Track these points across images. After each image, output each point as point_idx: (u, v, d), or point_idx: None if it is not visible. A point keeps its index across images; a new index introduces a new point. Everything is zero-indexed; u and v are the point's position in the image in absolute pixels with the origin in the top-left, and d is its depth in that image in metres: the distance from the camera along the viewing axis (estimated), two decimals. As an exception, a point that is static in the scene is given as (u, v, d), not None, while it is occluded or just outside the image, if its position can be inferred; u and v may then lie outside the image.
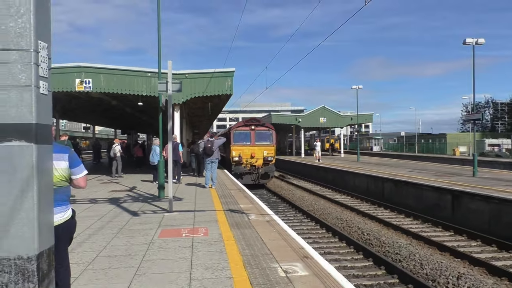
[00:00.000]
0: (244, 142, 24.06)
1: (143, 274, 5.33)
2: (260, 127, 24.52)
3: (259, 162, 24.01)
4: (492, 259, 10.00)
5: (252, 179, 24.05)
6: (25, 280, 2.58)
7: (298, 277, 5.18)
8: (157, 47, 12.33)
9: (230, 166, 24.64)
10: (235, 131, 24.44)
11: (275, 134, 24.89)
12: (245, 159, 23.77)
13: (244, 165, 23.78)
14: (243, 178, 23.24)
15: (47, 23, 2.75)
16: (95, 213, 9.98)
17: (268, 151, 24.13)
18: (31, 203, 2.57)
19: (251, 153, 23.81)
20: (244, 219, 9.14)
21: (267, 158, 23.91)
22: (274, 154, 24.60)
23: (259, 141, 24.11)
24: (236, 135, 24.30)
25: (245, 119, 26.73)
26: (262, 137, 24.38)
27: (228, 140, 22.94)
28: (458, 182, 17.03)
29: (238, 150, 23.88)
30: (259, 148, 23.98)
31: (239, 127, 24.84)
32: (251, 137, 24.11)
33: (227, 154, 25.70)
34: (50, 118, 2.83)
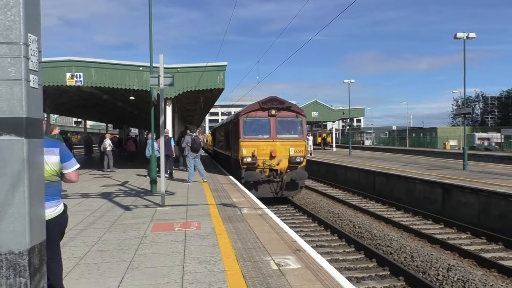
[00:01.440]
0: (260, 135, 16.32)
1: (136, 268, 5.33)
2: (284, 111, 16.57)
3: (283, 164, 16.18)
4: (481, 251, 10.13)
5: (273, 191, 16.24)
6: (17, 275, 2.58)
7: (290, 270, 5.22)
8: (149, 41, 12.25)
9: (237, 170, 16.81)
10: (246, 117, 16.40)
11: (305, 122, 17.11)
12: (261, 160, 16.02)
13: (260, 169, 16.09)
14: (258, 189, 15.92)
15: (37, 16, 2.72)
16: (87, 208, 9.94)
17: (297, 147, 16.30)
18: (22, 197, 2.56)
19: (270, 152, 16.07)
20: (237, 213, 9.16)
21: (295, 159, 16.08)
22: (305, 153, 16.67)
23: (283, 133, 16.40)
24: (248, 124, 16.38)
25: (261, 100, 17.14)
26: (288, 126, 16.65)
27: (234, 131, 17.32)
28: (449, 176, 17.20)
29: (251, 147, 16.02)
30: (282, 143, 16.23)
31: (252, 111, 16.51)
32: (270, 127, 16.26)
33: (233, 152, 18.06)
34: (41, 112, 2.81)
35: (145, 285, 4.71)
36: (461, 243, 10.85)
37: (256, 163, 15.97)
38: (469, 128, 67.09)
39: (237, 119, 16.88)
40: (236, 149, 16.89)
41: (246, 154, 15.99)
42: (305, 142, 16.84)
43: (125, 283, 4.78)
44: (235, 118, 17.80)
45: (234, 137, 17.47)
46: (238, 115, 16.95)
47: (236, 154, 16.72)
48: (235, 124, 17.35)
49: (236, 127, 16.79)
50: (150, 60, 12.82)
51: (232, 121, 18.53)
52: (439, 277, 8.19)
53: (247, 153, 16.00)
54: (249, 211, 9.40)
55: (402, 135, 74.09)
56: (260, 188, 16.11)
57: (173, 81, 10.49)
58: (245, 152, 16.00)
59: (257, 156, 16.02)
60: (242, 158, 15.97)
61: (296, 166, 16.25)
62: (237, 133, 16.59)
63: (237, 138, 16.45)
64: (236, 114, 18.14)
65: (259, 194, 15.60)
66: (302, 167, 16.40)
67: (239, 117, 16.53)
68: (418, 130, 79.13)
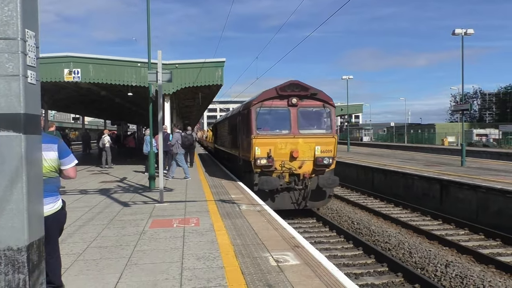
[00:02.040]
0: (277, 130, 13.14)
1: (134, 265, 5.33)
2: (308, 100, 13.28)
3: (307, 167, 12.98)
4: (479, 247, 10.16)
5: (294, 201, 13.18)
6: (15, 271, 2.57)
7: (289, 266, 5.23)
8: (147, 37, 12.21)
9: (247, 174, 13.86)
10: (259, 108, 13.10)
11: (334, 113, 13.87)
12: (279, 162, 12.85)
13: (277, 173, 12.94)
14: (275, 200, 13.01)
15: (34, 11, 2.70)
16: (85, 204, 9.93)
17: (324, 146, 13.06)
18: (20, 194, 2.55)
19: (291, 151, 12.82)
20: (235, 209, 9.17)
21: (322, 160, 12.89)
22: (335, 153, 13.28)
23: (306, 128, 13.24)
24: (262, 116, 13.13)
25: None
26: (313, 119, 13.53)
27: (244, 125, 14.20)
28: (447, 172, 17.23)
29: (266, 145, 12.78)
30: (306, 140, 13.00)
31: (267, 99, 13.20)
32: (290, 119, 13.05)
33: (241, 151, 14.85)
34: (39, 108, 2.80)
35: (144, 281, 4.71)
36: (459, 239, 10.88)
37: (272, 166, 12.74)
38: (467, 124, 67.20)
39: (247, 110, 13.51)
40: (246, 147, 13.60)
41: (259, 155, 12.66)
42: (335, 139, 13.20)
43: (124, 279, 4.78)
44: (244, 108, 14.24)
45: (243, 133, 14.33)
46: (249, 104, 13.47)
47: (247, 154, 13.47)
48: (245, 116, 13.95)
49: (247, 120, 13.46)
50: (148, 56, 12.80)
51: (241, 112, 14.90)
52: (437, 273, 8.22)
53: (261, 153, 12.68)
54: (248, 208, 9.40)
55: (400, 132, 74.22)
56: (278, 198, 13.00)
57: (171, 77, 10.46)
58: (259, 151, 12.70)
59: (274, 157, 12.71)
60: (254, 159, 12.69)
61: (323, 170, 13.06)
62: (248, 128, 13.33)
63: (248, 133, 13.18)
64: (247, 103, 14.42)
65: (277, 205, 12.65)
66: (330, 171, 13.29)
67: (251, 107, 13.05)
68: (416, 127, 79.28)
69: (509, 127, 60.88)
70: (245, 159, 14.01)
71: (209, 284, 4.60)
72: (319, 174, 13.11)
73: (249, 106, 13.42)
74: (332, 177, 13.14)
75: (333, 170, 13.44)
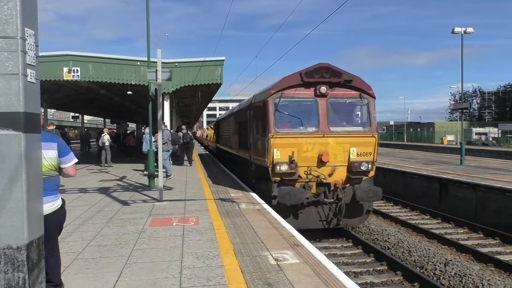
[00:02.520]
0: (301, 127, 10.39)
1: (134, 263, 5.33)
2: (341, 88, 10.51)
3: (339, 175, 10.31)
4: (478, 246, 10.18)
5: (323, 218, 10.44)
6: (15, 270, 2.58)
7: (288, 265, 5.23)
8: (146, 36, 12.20)
9: (261, 183, 11.25)
10: (279, 99, 10.28)
11: (374, 105, 10.81)
12: (304, 168, 10.13)
13: (301, 182, 10.23)
14: (299, 217, 10.24)
15: (33, 10, 2.70)
16: (85, 203, 9.93)
17: (361, 147, 10.37)
18: (20, 192, 2.55)
19: (319, 154, 10.11)
20: (235, 208, 9.17)
21: (359, 166, 10.18)
22: (375, 156, 10.52)
23: (338, 124, 10.58)
24: (282, 109, 10.35)
25: None
26: (347, 112, 10.94)
27: (257, 121, 11.45)
28: (446, 171, 17.24)
29: (288, 147, 10.09)
30: (339, 140, 10.30)
31: (288, 88, 10.37)
32: (319, 113, 10.32)
33: (253, 153, 12.06)
34: (38, 106, 2.80)
35: (143, 280, 4.71)
36: (458, 238, 10.90)
37: (295, 174, 9.93)
38: (467, 123, 67.29)
39: (263, 102, 10.67)
40: (260, 149, 10.86)
41: (279, 159, 9.88)
42: (375, 139, 10.39)
43: (123, 278, 4.79)
44: (258, 100, 11.44)
45: (256, 131, 11.49)
46: (265, 94, 10.61)
47: (261, 158, 10.70)
48: (259, 109, 11.13)
49: (262, 115, 10.70)
50: (148, 55, 12.79)
51: (253, 105, 12.06)
52: (436, 272, 8.24)
53: (281, 156, 9.90)
54: (247, 206, 9.41)
55: (399, 130, 74.29)
56: (304, 214, 10.18)
57: (171, 76, 10.46)
58: (278, 155, 9.91)
59: (298, 161, 9.91)
60: (273, 165, 9.89)
61: (360, 178, 10.29)
62: (263, 124, 10.56)
63: (264, 132, 10.42)
64: (261, 93, 11.47)
65: (301, 223, 10.04)
66: (369, 180, 10.49)
67: (268, 98, 10.23)
68: (415, 125, 79.36)
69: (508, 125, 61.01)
70: (258, 164, 11.17)
71: (208, 283, 4.60)
72: (355, 183, 10.26)
73: (265, 97, 10.48)
74: (373, 188, 10.24)
75: (372, 178, 10.55)
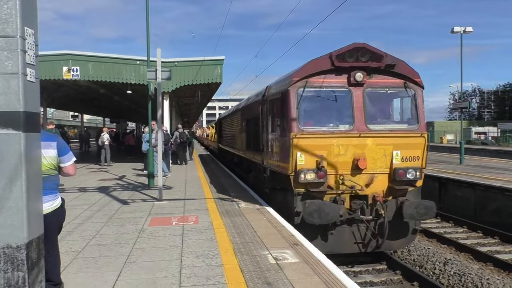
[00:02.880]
0: (330, 124, 8.40)
1: (134, 262, 5.34)
2: (381, 76, 8.40)
3: (379, 185, 8.19)
4: (477, 245, 10.19)
5: (359, 240, 8.31)
6: (15, 269, 2.58)
7: (288, 264, 5.24)
8: (146, 35, 12.20)
9: (280, 194, 9.29)
10: (304, 88, 8.10)
11: (422, 96, 8.65)
12: (335, 177, 8.03)
13: (332, 194, 8.07)
14: (328, 239, 8.07)
15: (33, 9, 2.70)
16: (84, 202, 9.93)
17: (407, 150, 8.25)
18: (19, 191, 2.56)
19: (355, 159, 8.02)
20: (235, 207, 9.17)
21: (404, 174, 8.07)
22: (424, 160, 8.34)
23: (378, 120, 8.72)
24: (307, 101, 8.30)
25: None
26: (389, 106, 9.09)
27: (274, 117, 9.39)
28: (445, 170, 17.25)
29: (315, 149, 7.97)
30: (378, 141, 8.17)
31: (315, 75, 8.16)
32: (353, 106, 8.22)
33: (268, 156, 9.90)
34: (38, 106, 2.80)
35: (143, 279, 4.72)
36: (458, 237, 10.91)
37: (325, 184, 7.88)
38: (466, 122, 67.33)
39: (282, 93, 8.58)
40: (278, 152, 8.81)
41: (304, 165, 7.80)
42: (425, 140, 8.21)
43: (123, 277, 4.79)
44: (275, 92, 9.25)
45: (272, 129, 9.39)
46: (286, 82, 8.43)
47: (279, 163, 8.68)
48: (276, 102, 9.08)
49: (281, 109, 8.59)
50: (148, 54, 12.78)
51: (268, 97, 9.84)
52: (435, 271, 8.25)
53: (306, 162, 7.83)
54: (247, 205, 9.41)
55: (399, 130, 74.12)
56: (335, 235, 8.01)
57: (170, 75, 10.47)
58: (303, 159, 7.83)
59: (328, 168, 7.86)
60: (296, 172, 7.80)
61: (405, 189, 8.18)
62: (283, 121, 8.48)
63: (283, 130, 8.42)
64: (280, 81, 9.24)
65: (332, 247, 7.99)
66: (416, 191, 8.36)
67: (289, 88, 8.10)
68: (415, 125, 79.16)
69: (507, 125, 61.04)
70: (275, 170, 9.08)
71: (208, 282, 4.61)
72: (398, 195, 8.14)
73: (285, 87, 8.34)
74: (424, 203, 7.95)
75: (419, 190, 8.45)
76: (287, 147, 8.09)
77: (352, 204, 8.06)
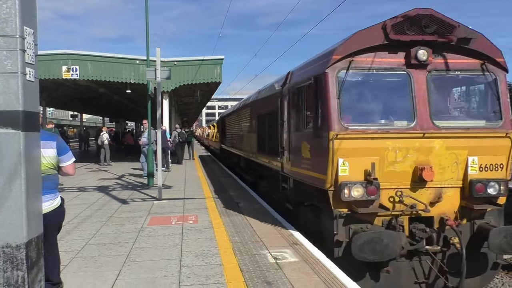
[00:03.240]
0: (382, 120, 6.17)
1: (133, 262, 5.34)
2: (450, 54, 6.19)
3: (449, 202, 6.07)
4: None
5: (422, 279, 6.05)
6: (14, 268, 2.58)
7: (287, 263, 5.24)
8: (145, 35, 12.19)
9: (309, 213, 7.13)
10: (347, 71, 5.96)
11: (506, 83, 6.29)
12: (390, 192, 5.97)
13: (384, 215, 5.94)
14: (380, 278, 5.88)
15: (32, 9, 2.70)
16: (84, 201, 9.93)
17: (487, 154, 6.06)
18: (19, 191, 2.56)
19: (416, 167, 5.92)
20: (234, 207, 9.17)
21: (484, 188, 5.94)
22: (508, 168, 6.10)
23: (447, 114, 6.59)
24: (352, 89, 6.21)
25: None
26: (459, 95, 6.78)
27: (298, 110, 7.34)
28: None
29: (362, 155, 5.87)
30: (447, 143, 5.98)
31: (361, 52, 6.01)
32: (414, 96, 6.02)
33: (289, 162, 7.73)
34: (37, 105, 2.80)
35: (142, 278, 4.72)
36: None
37: (376, 201, 5.99)
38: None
39: (315, 78, 6.48)
40: (309, 157, 6.77)
41: (348, 176, 5.93)
42: (510, 141, 6.19)
43: (122, 277, 4.79)
44: (304, 77, 7.08)
45: (297, 127, 7.38)
46: (322, 64, 6.41)
47: (312, 173, 6.60)
48: (305, 91, 7.00)
49: (315, 99, 6.53)
50: (147, 54, 12.78)
51: (291, 86, 7.77)
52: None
53: (351, 172, 5.95)
54: (246, 205, 9.41)
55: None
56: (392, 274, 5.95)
57: (170, 74, 10.46)
58: (347, 168, 5.97)
59: (381, 179, 5.96)
60: (338, 186, 5.91)
61: (484, 209, 6.20)
62: (316, 115, 6.47)
63: (317, 128, 6.39)
64: (309, 64, 7.22)
65: None
66: (497, 211, 6.30)
67: (326, 70, 6.09)
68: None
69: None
70: (305, 182, 6.89)
71: (207, 281, 4.61)
72: (475, 217, 6.22)
73: (321, 68, 6.30)
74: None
75: (502, 209, 6.28)
76: (323, 151, 6.01)
77: (412, 229, 6.01)
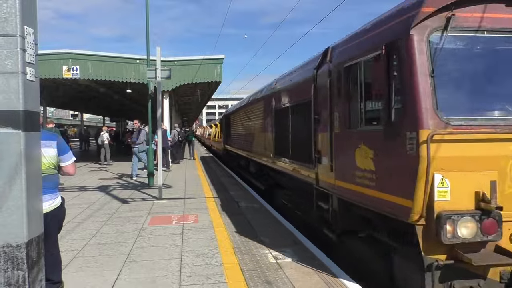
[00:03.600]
0: (497, 112, 3.76)
1: (134, 261, 5.34)
2: None
3: None
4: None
5: None
6: (15, 268, 2.58)
7: (288, 263, 5.24)
8: (146, 34, 12.19)
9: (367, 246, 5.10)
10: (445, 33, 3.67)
11: None
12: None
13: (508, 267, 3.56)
14: None
15: (32, 8, 2.70)
16: (84, 201, 9.93)
17: None
18: (19, 190, 2.55)
19: None
20: (234, 206, 9.17)
21: None
22: None
23: None
24: (453, 61, 3.78)
25: None
26: None
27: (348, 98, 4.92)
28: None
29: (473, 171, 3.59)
30: None
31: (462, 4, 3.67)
32: None
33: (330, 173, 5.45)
34: (38, 105, 2.80)
35: (143, 278, 4.72)
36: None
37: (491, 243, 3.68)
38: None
39: (393, 44, 3.97)
40: (373, 169, 4.37)
41: (451, 202, 3.58)
42: None
43: (122, 276, 4.79)
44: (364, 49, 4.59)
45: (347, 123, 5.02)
46: (402, 21, 3.94)
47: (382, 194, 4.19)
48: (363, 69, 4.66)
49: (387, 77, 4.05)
50: (147, 53, 12.78)
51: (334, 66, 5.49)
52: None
53: (455, 194, 3.58)
54: (247, 204, 9.41)
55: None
56: None
57: (170, 74, 10.46)
58: (448, 189, 3.57)
59: (504, 203, 3.55)
60: (435, 218, 3.55)
61: None
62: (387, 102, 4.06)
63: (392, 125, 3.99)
64: (380, 23, 4.54)
65: None
66: None
67: (410, 31, 3.72)
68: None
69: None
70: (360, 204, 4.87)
71: (208, 281, 4.61)
72: None
73: (401, 29, 3.96)
74: None
75: None
76: (404, 162, 3.87)
77: None
